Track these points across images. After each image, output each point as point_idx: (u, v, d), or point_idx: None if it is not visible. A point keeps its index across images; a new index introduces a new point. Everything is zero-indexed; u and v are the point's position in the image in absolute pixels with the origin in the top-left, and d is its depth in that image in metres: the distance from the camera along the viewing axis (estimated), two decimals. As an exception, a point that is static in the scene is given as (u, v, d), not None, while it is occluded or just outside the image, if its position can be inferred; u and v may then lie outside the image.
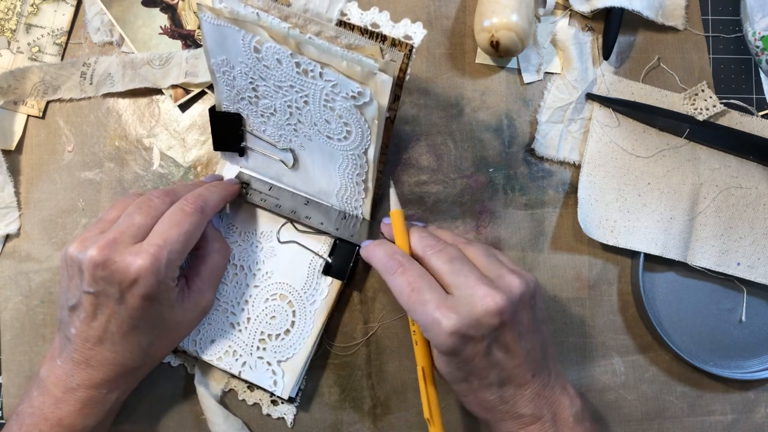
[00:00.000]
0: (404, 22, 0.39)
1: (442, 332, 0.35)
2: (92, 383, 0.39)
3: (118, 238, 0.38)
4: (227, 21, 0.37)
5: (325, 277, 0.46)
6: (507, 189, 0.48)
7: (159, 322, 0.40)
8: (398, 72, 0.36)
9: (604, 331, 0.48)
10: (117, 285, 0.37)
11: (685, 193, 0.47)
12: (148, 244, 0.37)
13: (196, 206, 0.40)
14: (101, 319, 0.38)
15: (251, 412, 0.47)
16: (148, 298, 0.38)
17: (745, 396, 0.47)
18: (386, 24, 0.42)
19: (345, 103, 0.37)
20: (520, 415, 0.37)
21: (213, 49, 0.40)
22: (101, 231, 0.39)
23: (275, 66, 0.38)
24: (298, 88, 0.39)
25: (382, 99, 0.36)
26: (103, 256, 0.37)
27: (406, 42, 0.36)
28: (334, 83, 0.37)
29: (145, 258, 0.37)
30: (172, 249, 0.38)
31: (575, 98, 0.48)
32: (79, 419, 0.38)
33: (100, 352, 0.39)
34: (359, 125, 0.39)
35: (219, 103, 0.45)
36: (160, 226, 0.39)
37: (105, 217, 0.41)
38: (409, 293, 0.36)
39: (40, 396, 0.39)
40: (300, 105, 0.40)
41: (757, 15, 0.48)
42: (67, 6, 0.50)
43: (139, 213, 0.39)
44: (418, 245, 0.39)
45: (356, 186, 0.44)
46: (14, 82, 0.48)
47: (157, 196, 0.40)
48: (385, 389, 0.47)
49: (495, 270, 0.38)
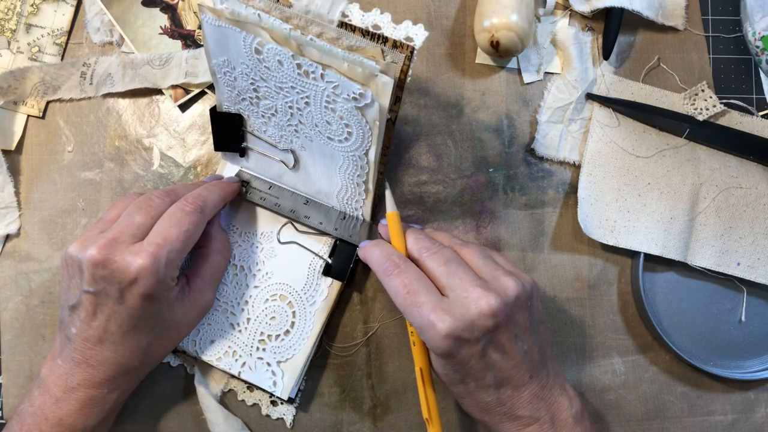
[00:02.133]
0: (405, 24, 0.40)
1: (437, 334, 0.35)
2: (92, 383, 0.39)
3: (118, 237, 0.38)
4: (228, 22, 0.37)
5: (325, 277, 0.46)
6: (507, 189, 0.48)
7: (159, 321, 0.40)
8: (399, 74, 0.36)
9: (604, 331, 0.48)
10: (117, 284, 0.37)
11: (685, 193, 0.47)
12: (147, 244, 0.38)
13: (196, 206, 0.40)
14: (101, 319, 0.38)
15: (251, 412, 0.47)
16: (148, 297, 0.38)
17: (745, 396, 0.47)
18: (387, 26, 0.42)
19: (346, 104, 0.37)
20: (519, 417, 0.37)
21: (214, 50, 0.40)
22: (101, 231, 0.39)
23: (276, 67, 0.38)
24: (299, 89, 0.39)
25: (384, 100, 0.36)
26: (103, 256, 0.37)
27: (407, 44, 0.36)
28: (336, 84, 0.36)
29: (145, 257, 0.37)
30: (172, 248, 0.38)
31: (575, 98, 0.48)
32: (79, 419, 0.39)
33: (100, 352, 0.39)
34: (360, 127, 0.39)
35: (220, 103, 0.45)
36: (160, 225, 0.39)
37: (105, 217, 0.41)
38: (405, 295, 0.36)
39: (41, 396, 0.39)
40: (301, 106, 0.40)
41: (757, 15, 0.48)
42: (67, 6, 0.50)
43: (139, 213, 0.39)
44: (414, 247, 0.39)
45: (357, 187, 0.44)
46: (14, 82, 0.48)
47: (157, 196, 0.41)
48: (385, 389, 0.47)
49: (490, 272, 0.38)
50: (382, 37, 0.36)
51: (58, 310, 0.41)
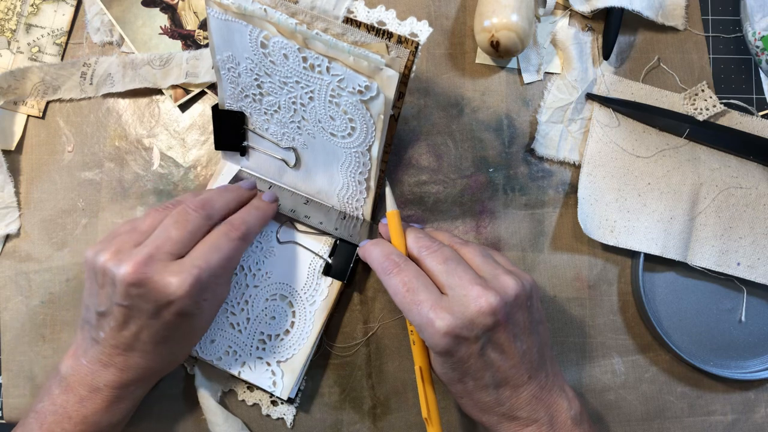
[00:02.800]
0: (410, 20, 0.40)
1: (436, 332, 0.35)
2: (119, 384, 0.38)
3: (155, 254, 0.37)
4: (235, 16, 0.38)
5: (325, 277, 0.46)
6: (507, 189, 0.48)
7: (189, 330, 0.40)
8: (404, 69, 0.36)
9: (604, 331, 0.48)
10: (153, 302, 0.36)
11: (685, 193, 0.47)
12: (189, 265, 0.37)
13: (240, 233, 0.40)
14: (133, 329, 0.37)
15: (251, 412, 0.47)
16: (183, 314, 0.37)
17: (745, 396, 0.47)
18: (392, 22, 0.43)
19: (351, 98, 0.38)
20: (517, 418, 0.37)
21: (219, 45, 0.40)
22: (135, 243, 0.38)
23: (282, 61, 0.38)
24: (304, 83, 0.39)
25: (389, 93, 0.36)
26: (140, 275, 0.36)
27: (411, 39, 0.36)
28: (341, 77, 0.37)
29: (185, 279, 0.36)
30: (212, 273, 0.37)
31: (575, 98, 0.48)
32: (105, 417, 0.38)
33: (130, 357, 0.38)
34: (364, 121, 0.39)
35: (222, 101, 0.45)
36: (203, 247, 0.38)
37: (139, 227, 0.39)
38: (404, 293, 0.36)
39: (63, 394, 0.38)
40: (305, 101, 0.40)
41: (757, 15, 0.48)
42: (67, 6, 0.50)
43: (176, 227, 0.38)
44: (414, 246, 0.40)
45: (358, 185, 0.44)
46: (14, 82, 0.48)
47: (193, 209, 0.39)
48: (385, 389, 0.47)
49: (490, 270, 0.38)
50: (387, 33, 0.36)
51: (82, 308, 0.40)
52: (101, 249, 0.37)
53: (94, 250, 0.38)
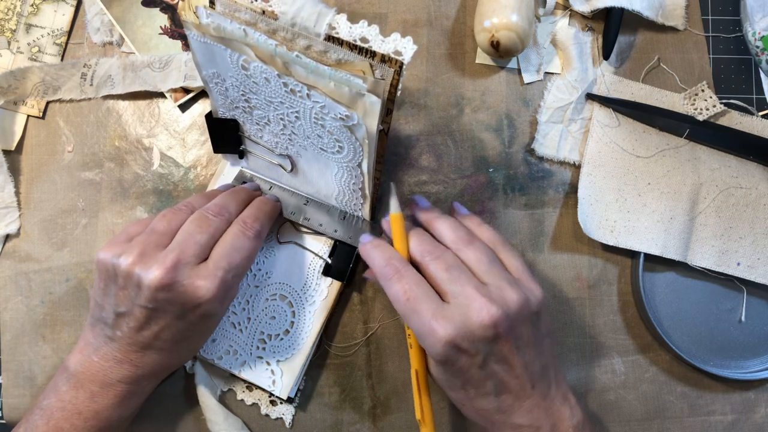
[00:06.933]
0: (394, 37, 0.38)
1: (437, 341, 0.34)
2: (134, 379, 0.39)
3: (182, 258, 0.37)
4: (213, 39, 0.36)
5: (324, 277, 0.46)
6: (507, 189, 0.48)
7: (208, 329, 0.41)
8: (389, 87, 0.35)
9: (604, 331, 0.48)
10: (180, 305, 0.37)
11: (685, 193, 0.47)
12: (214, 268, 0.38)
13: (255, 231, 0.40)
14: (154, 329, 0.38)
15: (250, 411, 0.47)
16: (208, 315, 0.38)
17: (745, 396, 0.47)
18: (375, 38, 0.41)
19: (334, 122, 0.36)
20: (518, 425, 0.36)
21: (203, 63, 0.39)
22: (157, 245, 0.38)
23: (264, 83, 0.37)
24: (288, 104, 0.38)
25: (371, 120, 0.35)
26: (169, 279, 0.36)
27: (396, 58, 0.35)
28: (322, 105, 0.35)
29: (213, 282, 0.37)
30: (236, 273, 0.39)
31: (575, 98, 0.48)
32: (116, 412, 0.39)
33: (146, 355, 0.39)
34: (351, 142, 0.38)
35: (215, 109, 0.44)
36: (224, 249, 0.39)
37: (156, 229, 0.39)
38: (405, 301, 0.36)
39: (72, 390, 0.38)
40: (292, 119, 0.39)
41: (757, 15, 0.48)
42: (67, 6, 0.50)
43: (200, 231, 0.39)
44: (417, 250, 0.38)
45: (353, 193, 0.43)
46: (14, 82, 0.48)
47: (213, 214, 0.40)
48: (385, 389, 0.47)
49: (495, 280, 0.37)
50: (370, 52, 0.35)
51: (91, 305, 0.40)
52: (122, 251, 0.37)
53: (112, 252, 0.38)
